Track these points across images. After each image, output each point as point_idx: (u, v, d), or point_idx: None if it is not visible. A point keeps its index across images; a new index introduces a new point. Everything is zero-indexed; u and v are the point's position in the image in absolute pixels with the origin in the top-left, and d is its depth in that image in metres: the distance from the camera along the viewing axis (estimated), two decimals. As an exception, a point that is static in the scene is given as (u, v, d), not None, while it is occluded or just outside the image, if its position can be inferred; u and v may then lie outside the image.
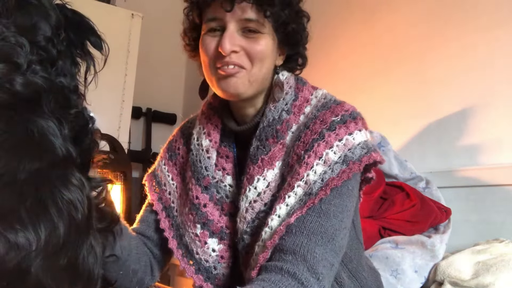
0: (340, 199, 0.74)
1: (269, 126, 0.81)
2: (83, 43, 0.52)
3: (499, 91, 1.37)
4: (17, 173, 0.38)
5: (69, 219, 0.41)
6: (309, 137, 0.77)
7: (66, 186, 0.42)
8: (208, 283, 0.87)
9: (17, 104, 0.41)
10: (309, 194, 0.73)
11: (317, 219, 0.71)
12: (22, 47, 0.43)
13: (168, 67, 2.90)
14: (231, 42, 0.76)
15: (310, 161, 0.74)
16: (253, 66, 0.79)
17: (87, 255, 0.44)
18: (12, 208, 0.37)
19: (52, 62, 0.47)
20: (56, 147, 0.43)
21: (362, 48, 1.86)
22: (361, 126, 0.79)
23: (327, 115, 0.78)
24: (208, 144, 0.88)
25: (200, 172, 0.88)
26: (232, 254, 0.88)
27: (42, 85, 0.44)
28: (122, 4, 2.56)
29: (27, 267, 0.37)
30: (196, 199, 0.87)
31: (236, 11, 0.75)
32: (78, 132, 0.47)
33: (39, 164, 0.41)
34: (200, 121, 0.92)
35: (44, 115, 0.43)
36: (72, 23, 0.50)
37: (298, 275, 0.66)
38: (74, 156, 0.45)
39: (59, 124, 0.44)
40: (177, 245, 0.90)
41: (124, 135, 2.17)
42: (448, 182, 1.43)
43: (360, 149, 0.76)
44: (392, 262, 1.17)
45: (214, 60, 0.79)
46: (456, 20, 1.52)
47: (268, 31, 0.79)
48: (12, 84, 0.41)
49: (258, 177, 0.80)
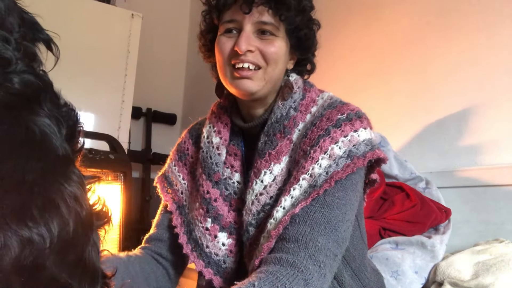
0: (344, 192, 0.76)
1: (277, 122, 0.84)
2: (32, 42, 0.50)
3: (499, 91, 1.37)
4: (24, 173, 0.39)
5: (75, 215, 0.42)
6: (315, 134, 0.79)
7: (69, 184, 0.43)
8: (217, 276, 0.88)
9: (19, 103, 0.41)
10: (313, 186, 0.75)
11: (320, 209, 0.73)
12: (8, 42, 0.43)
13: (168, 67, 2.90)
14: (247, 42, 0.80)
15: (315, 155, 0.77)
16: (268, 65, 0.83)
17: (91, 250, 0.45)
18: (24, 206, 0.38)
19: (32, 58, 0.46)
20: (57, 147, 0.43)
21: (361, 48, 1.86)
22: (366, 124, 0.82)
23: (333, 113, 0.81)
24: (218, 142, 0.91)
25: (211, 168, 0.91)
26: (240, 249, 0.89)
27: (39, 84, 0.44)
28: (122, 4, 2.56)
29: (43, 263, 0.38)
30: (207, 194, 0.90)
31: (254, 13, 0.80)
32: (70, 130, 0.47)
33: (43, 164, 0.41)
34: (210, 120, 0.96)
35: (44, 114, 0.43)
36: (28, 22, 0.49)
37: (298, 264, 0.67)
38: (71, 155, 0.46)
39: (57, 123, 0.44)
40: (187, 240, 0.92)
41: (124, 135, 2.17)
42: (448, 182, 1.43)
43: (364, 145, 0.78)
44: (392, 263, 1.17)
45: (229, 59, 0.83)
46: (456, 20, 1.52)
47: (282, 34, 0.83)
48: (12, 82, 0.41)
49: (265, 171, 0.83)
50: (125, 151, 2.06)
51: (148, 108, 2.76)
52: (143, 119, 2.76)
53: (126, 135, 2.20)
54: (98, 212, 0.49)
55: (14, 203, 0.38)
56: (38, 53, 0.48)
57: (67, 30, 1.92)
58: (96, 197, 0.49)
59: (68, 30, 1.92)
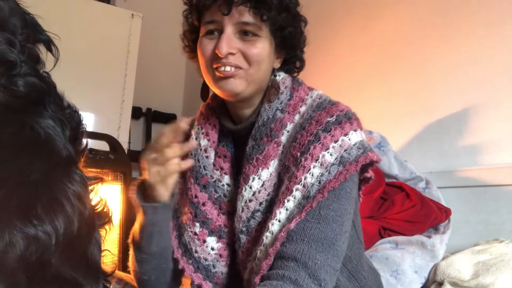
0: (339, 203, 0.74)
1: (263, 125, 0.82)
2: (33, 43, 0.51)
3: (499, 91, 1.37)
4: (29, 173, 0.40)
5: (79, 214, 0.43)
6: (305, 139, 0.77)
7: (72, 183, 0.44)
8: (207, 281, 0.87)
9: (24, 105, 0.42)
10: (307, 198, 0.73)
11: (316, 225, 0.71)
12: (13, 45, 0.43)
13: (168, 67, 2.90)
14: (228, 44, 0.77)
15: (307, 164, 0.75)
16: (251, 66, 0.80)
17: (94, 248, 0.46)
18: (28, 205, 0.39)
19: (36, 61, 0.47)
20: (61, 148, 0.44)
21: (361, 47, 1.86)
22: (356, 126, 0.79)
23: (322, 116, 0.79)
24: (206, 144, 0.89)
25: (199, 172, 0.89)
26: (230, 252, 0.88)
27: (43, 86, 0.44)
28: (122, 4, 2.57)
29: (48, 260, 0.39)
30: (195, 198, 0.88)
31: (234, 14, 0.77)
32: (73, 132, 0.48)
33: (47, 164, 0.42)
34: (198, 121, 0.93)
35: (48, 116, 0.44)
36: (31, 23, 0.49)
37: (300, 281, 0.66)
38: (74, 156, 0.47)
39: (61, 124, 0.45)
40: (177, 245, 0.91)
41: (124, 135, 2.17)
42: (448, 182, 1.43)
43: (356, 149, 0.76)
44: (392, 263, 1.17)
45: (211, 61, 0.80)
46: (455, 20, 1.52)
47: (265, 34, 0.80)
48: (17, 85, 0.42)
49: (253, 177, 0.81)
50: (125, 151, 2.06)
51: (148, 108, 2.76)
52: (143, 119, 2.77)
53: (126, 135, 2.20)
54: (100, 212, 0.50)
55: (19, 202, 0.38)
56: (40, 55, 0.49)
57: (67, 30, 1.92)
58: (98, 198, 0.51)
59: (68, 30, 1.93)
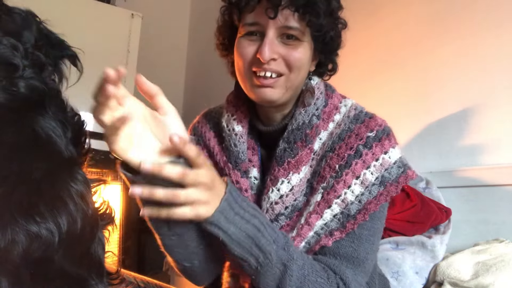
0: (372, 222, 0.76)
1: (298, 129, 0.80)
2: (59, 59, 0.54)
3: (499, 91, 1.37)
4: (31, 171, 0.41)
5: (82, 213, 0.43)
6: (344, 151, 0.78)
7: (75, 183, 0.44)
8: None
9: (24, 107, 0.43)
10: (347, 216, 0.75)
11: (350, 244, 0.75)
12: (17, 49, 0.44)
13: (168, 67, 2.90)
14: (271, 49, 0.74)
15: (347, 179, 0.76)
16: (291, 72, 0.77)
17: (97, 247, 0.47)
18: (31, 203, 0.39)
19: (41, 67, 0.48)
20: (62, 149, 0.45)
21: (361, 48, 1.86)
22: (394, 142, 0.80)
23: (362, 130, 0.79)
24: (241, 130, 0.85)
25: (238, 157, 0.84)
26: None
27: (44, 88, 0.45)
28: (122, 4, 2.56)
29: (51, 257, 0.40)
30: (237, 184, 0.84)
31: (278, 18, 0.73)
32: (75, 133, 0.48)
33: (49, 164, 0.43)
34: (227, 109, 0.89)
35: (49, 117, 0.45)
36: (49, 38, 0.52)
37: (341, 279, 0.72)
38: (76, 157, 0.47)
39: (62, 126, 0.46)
40: None
41: (124, 135, 2.17)
42: (448, 182, 1.43)
43: (396, 168, 0.77)
44: (393, 264, 1.17)
45: (250, 65, 0.77)
46: (455, 20, 1.52)
47: (307, 39, 0.77)
48: (18, 87, 0.42)
49: (283, 180, 0.79)
50: (125, 151, 2.06)
51: (148, 108, 2.76)
52: (143, 119, 2.76)
53: (126, 135, 2.20)
54: (103, 214, 0.51)
55: (22, 200, 0.39)
56: (63, 68, 0.52)
57: (67, 30, 1.92)
58: (101, 200, 0.51)
59: (68, 30, 1.92)
